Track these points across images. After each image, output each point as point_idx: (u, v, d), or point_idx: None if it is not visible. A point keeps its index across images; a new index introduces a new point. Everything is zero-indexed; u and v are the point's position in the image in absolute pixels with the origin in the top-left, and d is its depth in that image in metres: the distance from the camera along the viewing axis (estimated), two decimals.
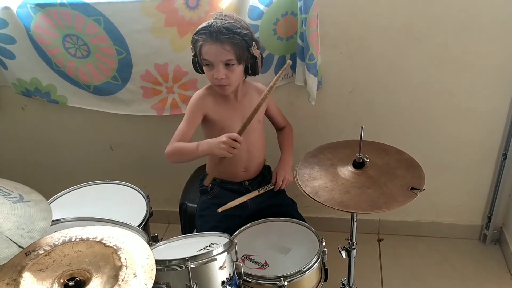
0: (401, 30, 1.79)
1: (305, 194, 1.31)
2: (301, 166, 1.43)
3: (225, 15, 1.54)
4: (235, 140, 1.47)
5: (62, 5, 1.80)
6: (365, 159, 1.37)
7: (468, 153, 2.02)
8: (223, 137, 1.48)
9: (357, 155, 1.37)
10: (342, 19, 1.80)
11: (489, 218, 2.11)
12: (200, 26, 1.53)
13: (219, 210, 1.57)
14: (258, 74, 1.62)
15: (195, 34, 1.54)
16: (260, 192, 1.66)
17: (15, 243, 1.01)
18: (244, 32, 1.51)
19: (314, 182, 1.35)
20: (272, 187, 1.69)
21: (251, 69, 1.58)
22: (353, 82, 1.93)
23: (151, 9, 1.77)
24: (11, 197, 1.15)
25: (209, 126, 1.68)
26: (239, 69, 1.56)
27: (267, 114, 1.76)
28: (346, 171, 1.38)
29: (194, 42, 1.55)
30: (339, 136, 1.95)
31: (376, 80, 1.92)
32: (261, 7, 1.76)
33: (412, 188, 1.32)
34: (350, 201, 1.28)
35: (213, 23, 1.49)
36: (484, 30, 1.75)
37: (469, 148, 2.01)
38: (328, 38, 1.83)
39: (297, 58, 1.84)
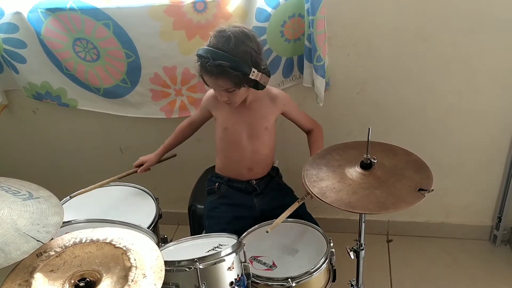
0: (409, 31, 1.79)
1: (313, 195, 1.32)
2: (308, 167, 1.43)
3: (223, 36, 1.47)
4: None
5: (72, 9, 1.83)
6: (372, 160, 1.37)
7: (477, 153, 2.01)
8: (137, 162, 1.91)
9: (365, 156, 1.37)
10: (350, 20, 1.80)
11: (499, 219, 2.10)
12: (199, 50, 1.50)
13: (269, 230, 1.48)
14: (264, 88, 1.57)
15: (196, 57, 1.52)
16: (300, 203, 1.60)
17: (33, 238, 1.03)
18: (237, 63, 1.45)
19: (322, 183, 1.36)
20: (307, 196, 1.63)
21: (254, 87, 1.55)
22: (361, 83, 1.93)
23: (159, 13, 1.79)
24: (21, 195, 1.17)
25: (216, 123, 1.76)
26: (240, 91, 1.55)
27: (287, 118, 1.76)
28: (354, 172, 1.38)
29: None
30: (347, 137, 1.95)
31: (384, 81, 1.91)
32: (269, 9, 1.77)
33: (420, 189, 1.32)
34: (357, 202, 1.28)
35: (207, 58, 1.45)
36: (493, 31, 1.74)
37: (479, 148, 2.00)
38: (336, 40, 1.83)
39: (304, 59, 1.85)
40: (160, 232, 1.71)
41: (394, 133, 1.79)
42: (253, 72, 1.49)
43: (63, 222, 1.23)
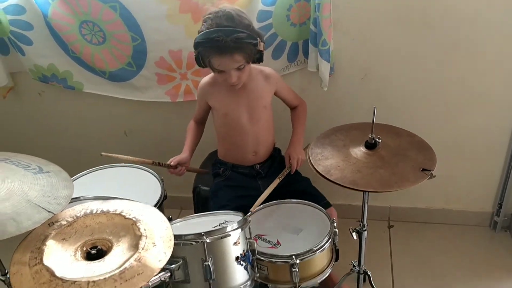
0: (414, 16, 1.80)
1: (317, 172, 1.34)
2: (313, 146, 1.45)
3: (223, 15, 1.48)
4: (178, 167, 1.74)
5: None
6: (377, 140, 1.39)
7: (479, 140, 2.03)
8: (172, 162, 1.73)
9: (370, 135, 1.39)
10: (355, 5, 1.81)
11: (500, 205, 2.12)
12: (203, 35, 1.48)
13: (252, 210, 1.54)
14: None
15: (199, 44, 1.50)
16: (281, 178, 1.66)
17: (44, 209, 1.05)
18: (250, 35, 1.48)
19: (326, 162, 1.38)
20: (289, 170, 1.70)
21: (258, 61, 1.58)
22: (365, 68, 1.95)
23: None
24: (31, 169, 1.19)
25: (214, 111, 1.77)
26: (248, 66, 1.58)
27: (278, 96, 1.78)
28: (358, 151, 1.40)
29: (199, 51, 1.53)
30: (350, 122, 1.97)
31: (388, 66, 1.93)
32: None
33: (424, 169, 1.33)
34: (361, 180, 1.30)
35: (220, 36, 1.44)
36: (498, 15, 1.75)
37: (481, 134, 2.02)
38: (341, 24, 1.84)
39: (310, 44, 1.86)
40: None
41: (397, 119, 1.79)
42: (260, 42, 1.51)
43: (72, 198, 1.25)
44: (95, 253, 0.98)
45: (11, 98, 2.26)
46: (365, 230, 1.56)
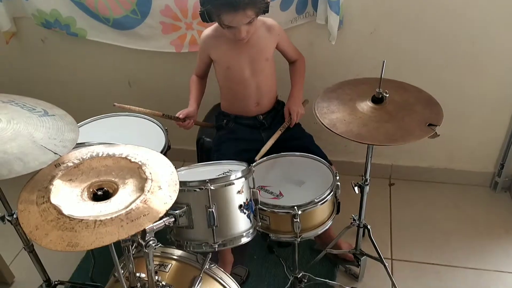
0: None
1: (323, 125, 1.33)
2: (320, 100, 1.44)
3: None
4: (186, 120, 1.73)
5: None
6: (384, 94, 1.38)
7: (486, 100, 2.01)
8: (180, 114, 1.72)
9: (377, 90, 1.37)
10: None
11: (502, 166, 2.13)
12: None
13: (257, 158, 1.57)
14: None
15: (209, 1, 1.50)
16: (282, 131, 1.69)
17: (50, 150, 1.05)
18: None
19: (332, 115, 1.37)
20: (289, 123, 1.71)
21: (264, 12, 1.56)
22: (375, 23, 1.90)
23: None
24: (36, 112, 1.19)
25: (216, 64, 1.76)
26: (257, 20, 1.57)
27: (279, 49, 1.77)
28: (365, 105, 1.39)
29: (207, 8, 1.52)
30: (358, 77, 1.95)
31: (398, 22, 1.88)
32: None
33: (430, 124, 1.33)
34: (367, 133, 1.30)
35: None
36: None
37: (487, 95, 2.00)
38: None
39: None
40: None
41: (405, 75, 1.76)
42: None
43: (77, 144, 1.25)
44: (101, 194, 0.99)
45: (14, 44, 2.23)
46: (367, 184, 1.57)
